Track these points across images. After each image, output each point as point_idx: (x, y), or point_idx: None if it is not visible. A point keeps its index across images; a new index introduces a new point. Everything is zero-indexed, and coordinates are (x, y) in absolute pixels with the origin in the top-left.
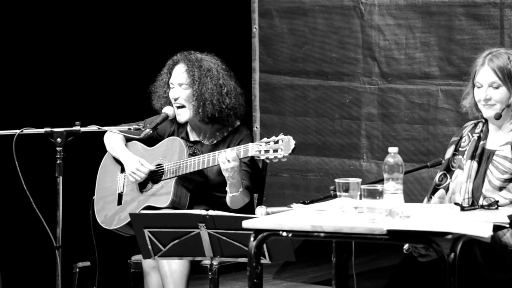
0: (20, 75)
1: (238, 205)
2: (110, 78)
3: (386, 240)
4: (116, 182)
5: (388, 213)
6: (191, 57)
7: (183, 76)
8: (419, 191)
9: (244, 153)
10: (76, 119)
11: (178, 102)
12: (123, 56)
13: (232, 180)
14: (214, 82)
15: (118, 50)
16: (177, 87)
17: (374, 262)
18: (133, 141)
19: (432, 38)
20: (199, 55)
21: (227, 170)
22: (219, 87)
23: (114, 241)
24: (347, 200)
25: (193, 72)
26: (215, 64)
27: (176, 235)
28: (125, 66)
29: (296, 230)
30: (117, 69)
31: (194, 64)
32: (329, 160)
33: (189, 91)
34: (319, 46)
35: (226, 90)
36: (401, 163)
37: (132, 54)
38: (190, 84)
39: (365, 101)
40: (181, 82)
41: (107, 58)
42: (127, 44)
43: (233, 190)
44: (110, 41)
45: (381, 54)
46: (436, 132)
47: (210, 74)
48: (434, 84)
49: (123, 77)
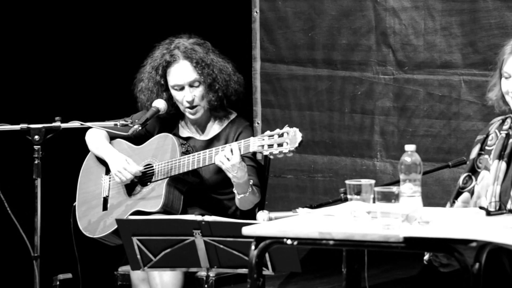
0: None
1: (248, 206)
2: (94, 68)
3: (402, 248)
4: (100, 185)
5: (405, 219)
6: (187, 50)
7: (192, 76)
8: (439, 194)
9: (245, 148)
10: (56, 114)
11: (195, 103)
12: (108, 43)
13: (238, 181)
14: (217, 65)
15: (101, 36)
16: (188, 88)
17: (389, 273)
18: (118, 140)
19: (454, 22)
20: (186, 42)
21: (228, 170)
22: (225, 73)
23: (98, 250)
24: (359, 204)
25: (201, 67)
26: (204, 46)
27: (168, 243)
28: (110, 55)
29: (302, 237)
30: (101, 58)
31: (195, 58)
32: (339, 159)
33: (202, 87)
34: (327, 31)
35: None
36: (419, 163)
37: (117, 41)
38: (201, 81)
39: (379, 93)
40: (192, 80)
41: (89, 46)
42: (111, 30)
43: (241, 191)
44: (92, 26)
45: (396, 41)
46: (458, 128)
47: (211, 57)
48: (456, 74)
49: (108, 68)
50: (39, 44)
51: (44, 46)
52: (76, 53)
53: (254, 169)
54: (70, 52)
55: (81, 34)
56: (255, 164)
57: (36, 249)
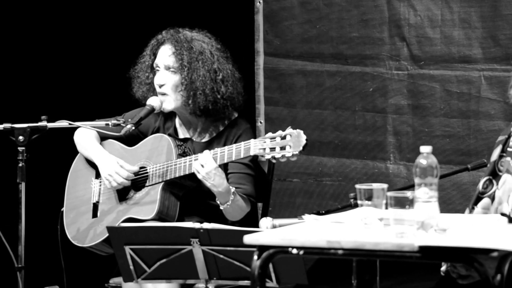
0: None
1: (235, 216)
2: (84, 64)
3: (417, 258)
4: (90, 190)
5: (420, 226)
6: (179, 37)
7: (170, 59)
8: (458, 199)
9: (245, 151)
10: (42, 113)
11: (163, 89)
12: (99, 36)
13: (217, 189)
14: (207, 67)
15: (92, 28)
16: (163, 71)
17: (403, 285)
18: (109, 140)
19: (474, 13)
20: (189, 33)
21: (205, 179)
22: (213, 73)
23: (88, 260)
24: (370, 210)
25: (182, 56)
26: (208, 44)
27: (163, 253)
28: (101, 49)
29: (308, 246)
30: (91, 52)
31: (183, 46)
32: (348, 161)
33: (177, 77)
34: (336, 23)
35: (221, 77)
36: (435, 165)
37: (110, 34)
38: (178, 70)
39: (392, 90)
40: (169, 64)
41: (79, 38)
42: (103, 21)
43: (223, 201)
44: (83, 16)
45: (411, 33)
46: (478, 127)
47: (203, 57)
48: (476, 69)
49: (99, 63)
50: (24, 38)
51: (29, 40)
52: (64, 48)
53: (250, 177)
54: (57, 46)
55: (71, 28)
56: (251, 171)
57: (20, 260)
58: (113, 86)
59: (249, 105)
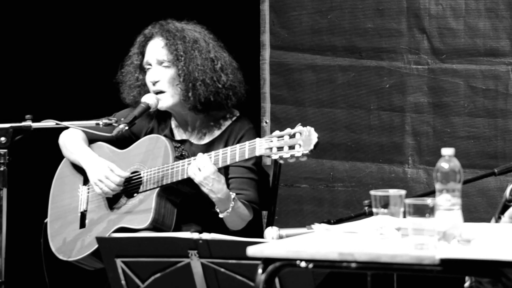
0: None
1: (237, 225)
2: (71, 60)
3: (439, 272)
4: (77, 198)
5: (442, 237)
6: (169, 28)
7: (163, 52)
8: (483, 207)
9: (250, 152)
10: (26, 112)
11: (158, 86)
12: (87, 31)
13: (216, 195)
14: (204, 55)
15: (82, 22)
16: (156, 67)
17: None
18: (98, 143)
19: (501, 1)
20: (178, 23)
21: (202, 184)
22: (210, 61)
23: (75, 275)
24: (387, 219)
25: (176, 46)
26: (201, 33)
27: (158, 266)
28: (90, 46)
29: (318, 259)
30: (80, 49)
31: (175, 35)
32: (363, 165)
33: (172, 70)
34: (349, 13)
35: (220, 65)
36: (458, 170)
37: (99, 29)
38: (173, 62)
39: (411, 86)
40: (161, 58)
41: (65, 35)
42: (92, 16)
43: (222, 208)
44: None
45: (432, 24)
46: (506, 128)
47: (198, 46)
48: (503, 64)
49: (88, 60)
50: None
51: (13, 35)
52: (51, 44)
53: (253, 182)
54: (44, 42)
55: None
56: (254, 176)
57: (0, 274)
58: (103, 84)
59: (254, 104)
